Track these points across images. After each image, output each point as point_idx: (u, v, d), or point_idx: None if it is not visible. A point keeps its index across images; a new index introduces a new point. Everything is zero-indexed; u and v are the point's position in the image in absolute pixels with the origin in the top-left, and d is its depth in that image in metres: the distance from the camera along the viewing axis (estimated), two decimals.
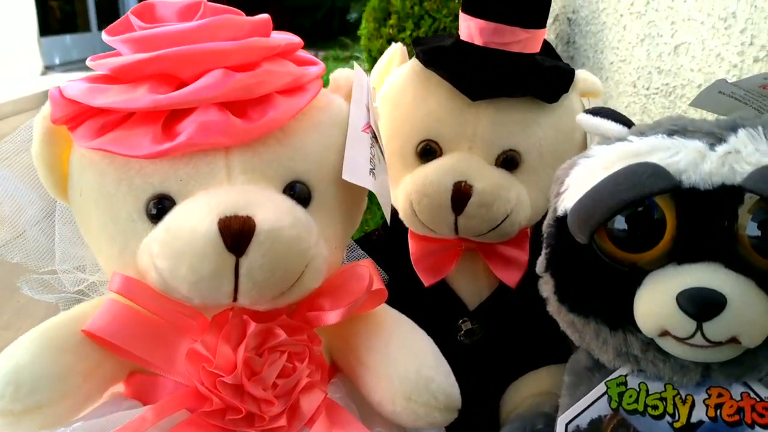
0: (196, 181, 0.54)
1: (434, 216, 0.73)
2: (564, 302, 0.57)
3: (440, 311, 0.82)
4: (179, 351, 0.56)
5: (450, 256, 0.80)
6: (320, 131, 0.60)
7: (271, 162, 0.56)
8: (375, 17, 2.29)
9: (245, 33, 0.57)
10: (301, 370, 0.57)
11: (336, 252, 0.60)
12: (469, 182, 0.72)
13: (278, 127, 0.56)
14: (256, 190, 0.54)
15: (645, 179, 0.49)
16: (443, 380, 0.59)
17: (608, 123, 0.59)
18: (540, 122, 0.76)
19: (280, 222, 0.52)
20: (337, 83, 0.65)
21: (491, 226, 0.74)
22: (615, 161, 0.53)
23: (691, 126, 0.53)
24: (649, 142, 0.53)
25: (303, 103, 0.57)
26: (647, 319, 0.50)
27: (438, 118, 0.76)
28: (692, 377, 0.53)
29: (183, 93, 0.53)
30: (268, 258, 0.51)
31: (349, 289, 0.59)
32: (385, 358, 0.59)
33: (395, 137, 0.78)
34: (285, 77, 0.57)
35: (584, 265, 0.55)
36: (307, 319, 0.59)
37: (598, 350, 0.57)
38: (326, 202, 0.59)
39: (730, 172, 0.49)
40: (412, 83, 0.78)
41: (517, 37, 0.74)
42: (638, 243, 0.51)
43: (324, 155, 0.59)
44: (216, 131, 0.53)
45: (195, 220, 0.51)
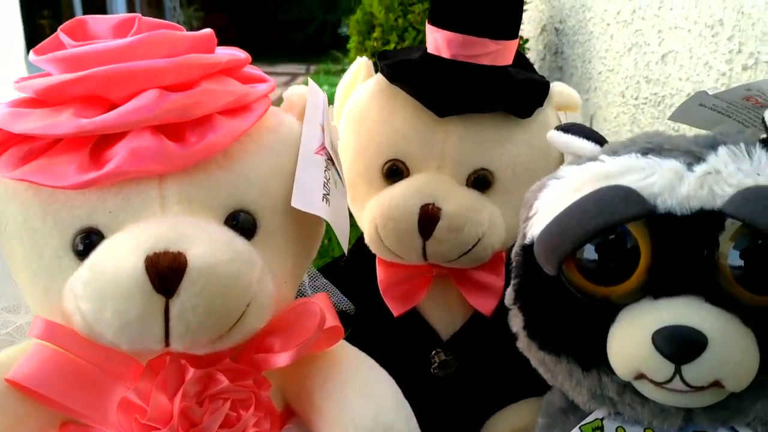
0: (126, 213, 0.49)
1: (401, 241, 0.68)
2: (534, 339, 0.52)
3: (412, 342, 0.77)
4: (111, 400, 0.51)
5: (420, 284, 0.75)
6: (267, 155, 0.55)
7: (211, 190, 0.51)
8: (359, 30, 2.25)
9: (183, 50, 0.52)
10: (246, 419, 0.51)
11: (286, 287, 0.55)
12: (438, 204, 0.67)
13: (219, 151, 0.51)
14: (191, 222, 0.49)
15: (616, 204, 0.45)
16: (403, 427, 0.54)
17: (579, 141, 0.55)
18: (513, 139, 0.71)
19: (216, 257, 0.47)
20: (290, 102, 0.61)
21: (462, 250, 0.69)
22: (585, 183, 0.49)
23: (668, 144, 0.49)
24: (621, 162, 0.48)
25: (247, 125, 0.53)
26: (621, 361, 0.45)
27: (404, 137, 0.71)
28: (673, 422, 0.48)
29: (110, 117, 0.48)
30: (203, 298, 0.46)
31: (301, 327, 0.54)
32: (340, 402, 0.54)
33: (360, 157, 0.74)
34: (226, 96, 0.52)
35: (554, 299, 0.50)
36: (254, 362, 0.53)
37: (572, 391, 0.52)
38: (274, 233, 0.54)
39: (710, 195, 0.44)
40: (377, 99, 0.74)
41: (487, 49, 0.70)
42: (610, 275, 0.46)
43: (271, 181, 0.54)
44: (148, 158, 0.48)
45: (120, 257, 0.46)
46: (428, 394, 0.77)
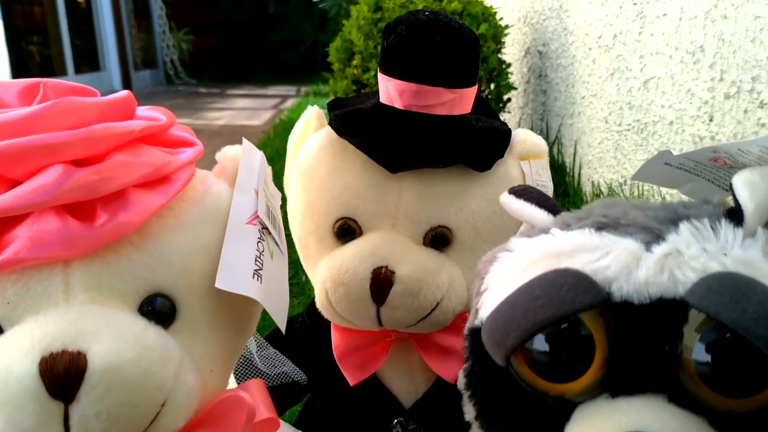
0: (26, 304, 0.44)
1: (352, 307, 0.64)
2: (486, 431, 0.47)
3: (372, 411, 0.72)
4: None
5: (379, 350, 0.70)
6: (190, 230, 0.50)
7: (123, 274, 0.46)
8: (339, 58, 2.22)
9: (93, 118, 0.47)
10: None
11: (213, 375, 0.50)
12: (391, 267, 0.62)
13: (131, 230, 0.46)
14: (97, 314, 0.44)
15: (565, 293, 0.40)
16: None
17: (532, 208, 0.50)
18: (472, 193, 0.67)
19: (121, 356, 0.42)
20: (222, 165, 0.56)
21: (420, 316, 0.64)
22: (535, 262, 0.44)
23: (624, 219, 0.44)
24: (573, 240, 0.44)
25: (164, 199, 0.48)
26: None
27: (356, 194, 0.66)
28: None
29: (7, 198, 0.43)
30: (106, 404, 0.41)
31: (230, 421, 0.49)
32: None
33: (310, 215, 0.69)
34: (141, 168, 0.47)
35: (506, 391, 0.45)
36: None
37: None
38: (197, 318, 0.49)
39: (671, 282, 0.39)
40: (327, 153, 0.69)
41: (442, 99, 0.65)
42: (563, 370, 0.41)
43: (193, 260, 0.49)
44: (50, 243, 0.44)
45: (12, 359, 0.41)
46: None
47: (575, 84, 2.12)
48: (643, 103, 1.65)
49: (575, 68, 2.11)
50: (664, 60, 1.55)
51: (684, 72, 1.46)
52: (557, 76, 2.28)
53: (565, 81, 2.20)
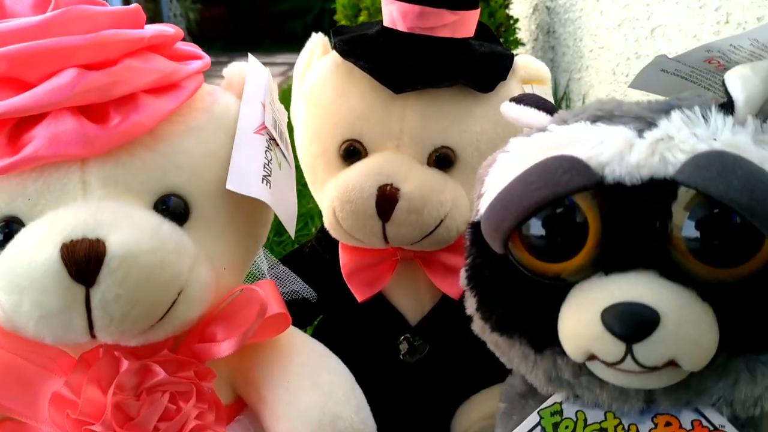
0: (46, 200, 0.47)
1: (359, 224, 0.65)
2: (487, 321, 0.49)
3: (379, 328, 0.74)
4: (44, 395, 0.49)
5: (385, 268, 0.72)
6: (199, 135, 0.52)
7: (137, 173, 0.48)
8: (345, 14, 2.22)
9: (104, 25, 0.49)
10: (187, 411, 0.49)
11: (227, 273, 0.52)
12: (396, 185, 0.64)
13: (144, 132, 0.48)
14: (114, 207, 0.46)
15: (560, 176, 0.41)
16: (353, 416, 0.51)
17: (530, 111, 0.51)
18: (475, 114, 0.68)
19: (139, 245, 0.44)
20: (230, 80, 0.58)
21: (424, 233, 0.66)
22: (532, 156, 0.45)
23: (618, 110, 0.45)
24: (569, 132, 0.45)
25: (174, 104, 0.50)
26: (571, 341, 0.42)
27: (361, 116, 0.68)
28: (634, 404, 0.45)
29: (25, 98, 0.46)
30: (125, 288, 0.43)
31: (244, 315, 0.51)
32: (285, 392, 0.52)
33: (317, 138, 0.71)
34: (151, 74, 0.49)
35: (504, 278, 0.47)
36: (196, 353, 0.51)
37: (529, 374, 0.49)
38: (209, 217, 0.51)
39: (662, 163, 0.41)
40: (333, 77, 0.70)
41: (444, 21, 0.66)
42: (558, 251, 0.43)
43: (204, 163, 0.51)
44: (68, 141, 0.46)
45: (35, 246, 0.43)
46: (398, 381, 0.74)
47: (583, 38, 2.11)
48: (650, 52, 1.65)
49: (583, 21, 2.10)
50: (671, 7, 1.54)
51: (690, 17, 1.46)
52: (565, 30, 2.28)
53: (573, 35, 2.19)
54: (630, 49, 1.76)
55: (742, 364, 0.41)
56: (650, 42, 1.64)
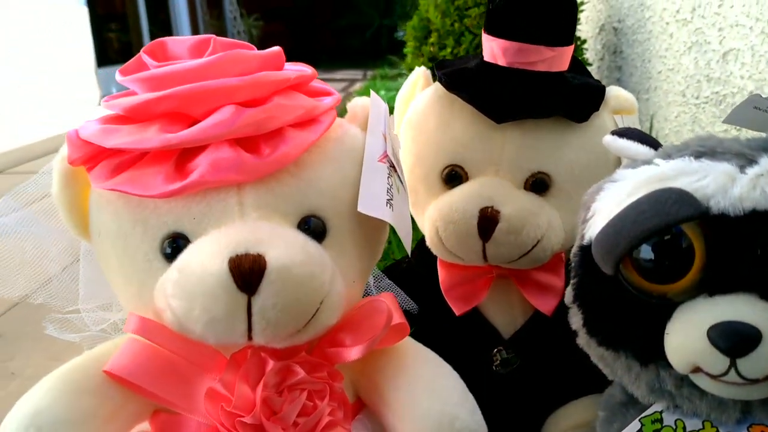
0: (209, 219, 0.54)
1: (461, 243, 0.71)
2: (593, 336, 0.54)
3: (474, 341, 0.79)
4: (199, 390, 0.56)
5: (482, 284, 0.77)
6: (334, 164, 0.59)
7: (285, 197, 0.55)
8: (415, 36, 2.28)
9: (255, 67, 0.56)
10: (322, 408, 0.55)
11: (355, 286, 0.59)
12: (496, 207, 0.70)
13: (290, 161, 0.55)
14: (268, 227, 0.53)
15: (670, 206, 0.46)
16: (468, 418, 0.56)
17: (634, 145, 0.56)
18: (570, 143, 0.73)
19: (292, 260, 0.51)
20: (354, 113, 0.64)
21: (521, 252, 0.71)
22: (640, 186, 0.51)
23: (720, 147, 0.50)
24: (675, 166, 0.50)
25: (315, 136, 0.57)
26: (678, 355, 0.47)
27: (463, 143, 0.74)
28: (731, 414, 0.49)
29: (193, 131, 0.53)
30: (281, 297, 0.50)
31: (370, 324, 0.57)
32: (407, 396, 0.58)
33: (420, 163, 0.77)
34: (296, 110, 0.56)
35: (612, 297, 0.52)
36: (327, 356, 0.57)
37: (631, 385, 0.54)
38: (342, 236, 0.58)
39: (762, 197, 0.46)
40: (436, 107, 0.77)
41: (543, 56, 0.72)
42: (666, 273, 0.48)
43: (339, 188, 0.58)
44: (227, 168, 0.53)
45: (206, 259, 0.50)
46: (491, 391, 0.79)
47: (651, 59, 2.13)
48: (722, 75, 1.67)
49: (651, 43, 2.12)
50: (744, 31, 1.56)
51: (764, 43, 1.47)
52: (633, 51, 2.30)
53: (641, 56, 2.21)
54: (701, 72, 1.78)
55: None
56: (722, 65, 1.66)
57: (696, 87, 1.81)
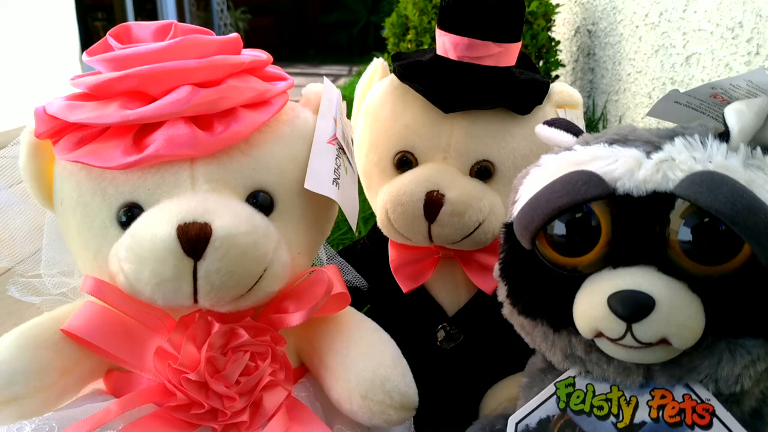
0: (162, 190, 0.58)
1: (408, 224, 0.76)
2: (515, 306, 0.59)
3: (420, 317, 0.84)
4: (149, 350, 0.60)
5: (428, 264, 0.82)
6: (284, 143, 0.63)
7: (235, 172, 0.59)
8: (394, 33, 2.33)
9: (212, 52, 0.61)
10: (263, 369, 0.60)
11: (300, 257, 0.63)
12: (442, 191, 0.74)
13: (242, 139, 0.59)
14: (216, 198, 0.57)
15: (579, 186, 0.51)
16: (399, 380, 0.61)
17: (560, 133, 0.61)
18: (513, 134, 0.78)
19: (237, 229, 0.55)
20: (308, 98, 0.69)
21: (464, 233, 0.76)
22: (559, 170, 0.55)
23: (632, 135, 0.55)
24: (590, 151, 0.55)
25: (266, 117, 0.61)
26: (582, 321, 0.52)
27: (413, 130, 0.79)
28: (635, 379, 0.54)
29: (150, 108, 0.57)
30: (225, 262, 0.54)
31: (312, 293, 0.62)
32: (344, 358, 0.62)
33: (374, 149, 0.81)
34: (249, 92, 0.60)
35: (530, 270, 0.56)
36: (272, 322, 0.62)
37: (548, 352, 0.59)
38: (289, 211, 0.62)
39: (664, 179, 0.51)
40: (390, 97, 0.81)
41: (490, 51, 0.77)
42: (576, 247, 0.53)
43: (287, 166, 0.62)
44: (181, 143, 0.57)
45: (157, 226, 0.54)
46: (435, 365, 0.84)
47: (621, 61, 2.19)
48: (685, 78, 1.73)
49: (622, 46, 2.18)
50: (706, 36, 1.62)
51: (723, 47, 1.53)
52: (605, 54, 2.35)
53: (612, 59, 2.27)
54: (666, 75, 1.84)
55: (724, 345, 0.50)
56: (685, 69, 1.72)
57: (661, 89, 1.86)
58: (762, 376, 0.52)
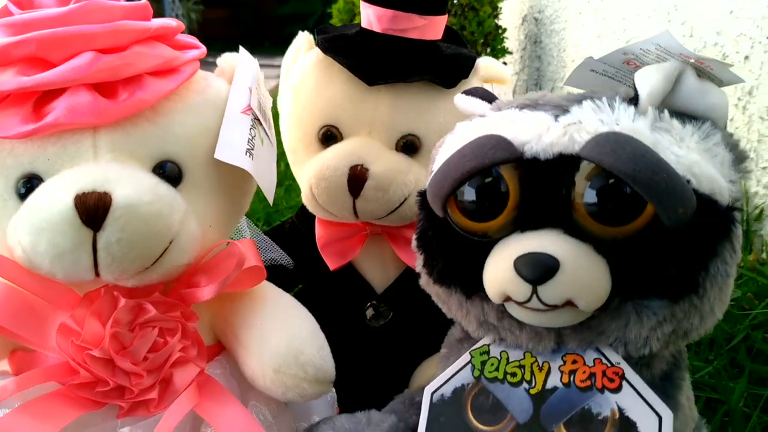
0: (63, 160, 0.56)
1: (332, 199, 0.75)
2: (430, 275, 0.58)
3: (349, 295, 0.83)
4: (53, 327, 0.57)
5: (356, 241, 0.81)
6: (194, 112, 0.61)
7: (140, 141, 0.57)
8: (341, 18, 2.31)
9: (117, 17, 0.58)
10: (172, 345, 0.58)
11: (212, 231, 0.61)
12: (366, 165, 0.73)
13: (146, 107, 0.57)
14: (118, 167, 0.55)
15: (487, 150, 0.51)
16: (314, 353, 0.60)
17: (476, 101, 0.61)
18: (439, 107, 0.77)
19: (140, 198, 0.53)
20: (222, 68, 0.67)
21: (389, 209, 0.75)
22: (471, 136, 0.55)
23: (542, 100, 0.55)
24: (500, 116, 0.55)
25: (174, 85, 0.59)
26: (490, 285, 0.51)
27: (338, 104, 0.77)
28: (547, 344, 0.54)
29: (48, 75, 0.55)
30: (126, 233, 0.52)
31: (224, 266, 0.60)
32: (258, 333, 0.61)
33: (298, 124, 0.80)
34: (155, 59, 0.58)
35: (444, 238, 0.56)
36: (182, 297, 0.60)
37: (464, 321, 0.58)
38: (199, 182, 0.60)
39: (570, 142, 0.50)
40: (315, 71, 0.80)
41: (414, 24, 0.76)
42: (485, 212, 0.52)
43: (197, 136, 0.60)
44: (83, 111, 0.55)
45: (54, 196, 0.52)
46: (365, 344, 0.83)
47: (567, 48, 2.21)
48: None
49: (567, 33, 2.20)
50: (643, 21, 1.64)
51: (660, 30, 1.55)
52: (551, 41, 2.37)
53: (558, 46, 2.29)
54: None
55: (630, 307, 0.50)
56: None
57: None
58: (670, 338, 0.52)
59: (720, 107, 0.54)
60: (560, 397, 0.53)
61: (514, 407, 0.54)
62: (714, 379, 0.94)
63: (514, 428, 0.53)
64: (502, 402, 0.55)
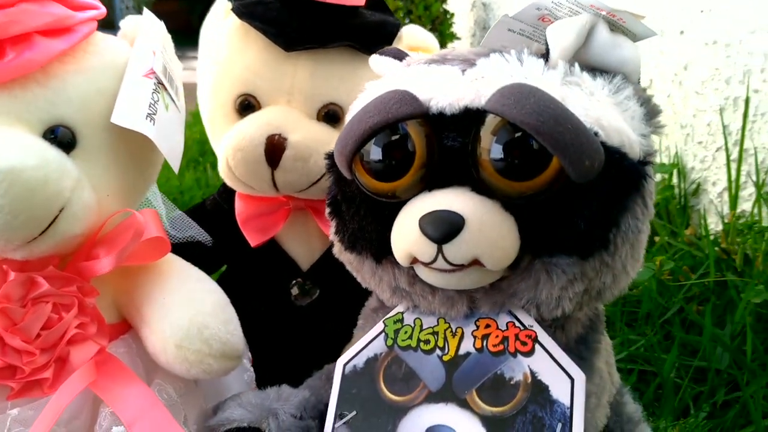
0: None
1: (249, 170, 0.71)
2: (341, 242, 0.56)
3: (273, 273, 0.80)
4: None
5: (278, 216, 0.78)
6: (89, 75, 0.57)
7: (29, 104, 0.54)
8: None
9: None
10: (67, 321, 0.54)
11: (110, 201, 0.58)
12: (284, 135, 0.70)
13: (36, 68, 0.54)
14: (3, 133, 0.51)
15: (391, 105, 0.48)
16: (220, 327, 0.57)
17: (389, 60, 0.58)
18: (361, 75, 0.74)
19: (23, 163, 0.49)
20: (125, 31, 0.64)
21: (310, 180, 0.72)
22: (378, 93, 0.52)
23: (451, 55, 0.53)
24: (408, 72, 0.52)
25: (66, 45, 0.55)
26: (397, 246, 0.49)
27: (255, 72, 0.74)
28: (460, 309, 0.52)
29: None
30: (8, 199, 0.49)
31: (123, 238, 0.57)
32: (160, 307, 0.57)
33: (215, 94, 0.76)
34: (44, 17, 0.55)
35: (353, 201, 0.53)
36: (80, 270, 0.56)
37: (377, 289, 0.56)
38: (95, 148, 0.57)
39: (476, 96, 0.48)
40: (231, 38, 0.76)
41: None
42: (391, 171, 0.50)
43: (92, 99, 0.57)
44: None
45: None
46: (292, 323, 0.81)
47: None
48: None
49: None
50: None
51: None
52: None
53: None
54: None
55: (540, 266, 0.48)
56: None
57: None
58: (583, 299, 0.50)
59: (632, 61, 0.53)
60: (473, 363, 0.51)
61: (426, 375, 0.52)
62: (648, 352, 0.94)
63: (426, 397, 0.51)
64: (414, 370, 0.53)
